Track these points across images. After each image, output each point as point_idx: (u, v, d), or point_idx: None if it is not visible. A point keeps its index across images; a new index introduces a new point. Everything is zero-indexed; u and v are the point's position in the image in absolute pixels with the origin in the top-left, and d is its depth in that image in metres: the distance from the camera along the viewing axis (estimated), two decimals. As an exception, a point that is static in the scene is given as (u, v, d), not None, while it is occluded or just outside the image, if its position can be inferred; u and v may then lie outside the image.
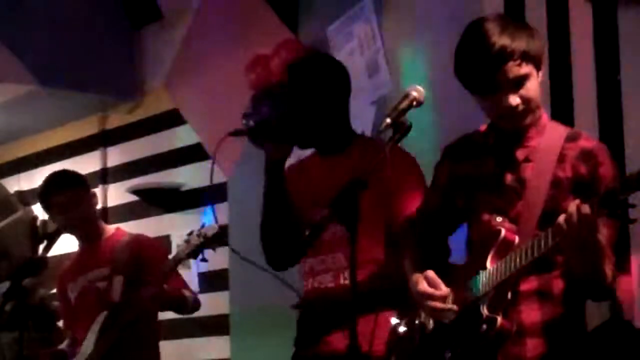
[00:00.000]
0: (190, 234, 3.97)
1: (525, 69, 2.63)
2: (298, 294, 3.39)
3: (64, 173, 4.47)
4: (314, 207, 3.18)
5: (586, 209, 2.38)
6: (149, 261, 4.25)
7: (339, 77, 3.30)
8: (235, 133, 3.21)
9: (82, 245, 4.43)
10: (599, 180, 2.60)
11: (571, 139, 2.69)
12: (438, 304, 2.70)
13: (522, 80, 2.63)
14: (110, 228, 4.46)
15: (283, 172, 3.21)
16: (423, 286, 2.72)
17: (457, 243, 2.92)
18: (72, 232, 4.37)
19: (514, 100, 2.63)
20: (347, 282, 3.10)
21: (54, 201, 4.29)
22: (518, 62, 2.61)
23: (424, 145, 3.70)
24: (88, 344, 4.18)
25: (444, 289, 2.70)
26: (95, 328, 4.16)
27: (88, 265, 4.32)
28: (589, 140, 2.71)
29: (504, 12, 3.97)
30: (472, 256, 2.76)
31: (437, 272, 2.75)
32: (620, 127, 3.67)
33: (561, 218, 2.43)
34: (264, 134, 3.17)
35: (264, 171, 3.23)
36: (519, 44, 2.62)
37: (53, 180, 4.38)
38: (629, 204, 2.40)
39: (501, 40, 2.60)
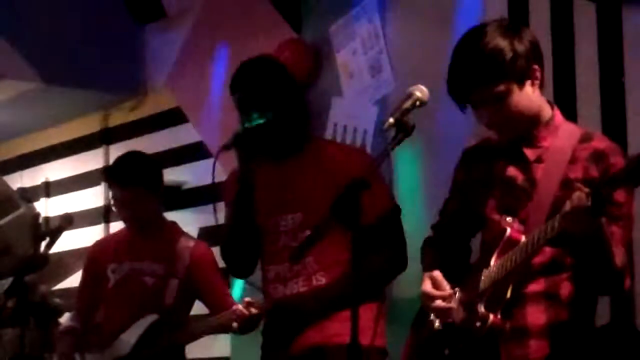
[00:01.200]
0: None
1: (500, 87, 2.62)
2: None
3: (137, 160, 4.16)
4: (278, 213, 3.22)
5: (582, 197, 2.38)
6: (204, 274, 4.10)
7: (282, 79, 3.27)
8: (225, 147, 3.20)
9: (134, 230, 4.19)
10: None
11: (584, 140, 2.68)
12: (438, 304, 2.70)
13: (498, 98, 2.63)
14: (168, 221, 4.27)
15: (253, 181, 3.20)
16: (426, 286, 2.75)
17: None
18: (130, 223, 4.18)
19: (483, 119, 2.66)
20: (320, 282, 3.17)
21: (120, 194, 4.09)
22: (490, 85, 2.61)
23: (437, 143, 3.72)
24: (125, 343, 4.06)
25: (446, 289, 2.71)
26: (138, 329, 4.04)
27: (139, 254, 4.14)
28: (602, 141, 2.69)
29: (508, 12, 3.97)
30: (481, 256, 2.77)
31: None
32: (624, 127, 3.67)
33: (568, 204, 2.41)
34: (241, 145, 3.17)
35: (237, 181, 3.22)
36: (492, 64, 2.60)
37: (124, 169, 4.10)
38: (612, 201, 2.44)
39: (472, 64, 2.61)
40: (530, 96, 2.68)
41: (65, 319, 4.63)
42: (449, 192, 2.94)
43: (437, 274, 2.75)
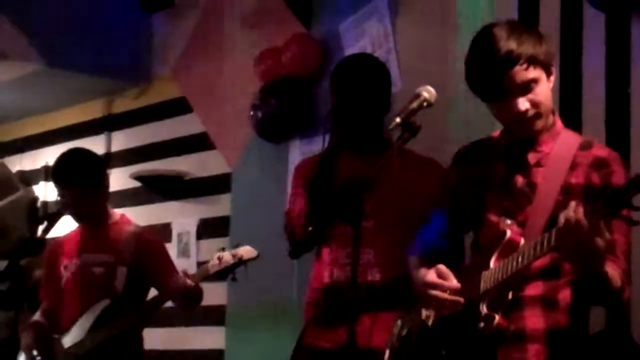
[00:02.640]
0: (223, 249, 3.93)
1: (533, 73, 2.63)
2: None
3: (79, 158, 4.27)
4: None
5: (580, 211, 2.37)
6: (152, 259, 4.22)
7: (385, 78, 3.46)
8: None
9: (83, 225, 4.34)
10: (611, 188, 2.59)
11: (585, 147, 2.69)
12: (443, 294, 2.68)
13: (530, 84, 2.63)
14: (116, 213, 4.39)
15: (336, 163, 3.27)
16: (432, 277, 2.71)
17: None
18: (76, 218, 4.30)
19: (523, 104, 2.63)
20: (374, 279, 3.21)
21: (64, 193, 4.21)
22: (525, 66, 2.61)
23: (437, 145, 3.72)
24: (81, 329, 4.15)
25: (454, 282, 2.69)
26: (91, 315, 4.13)
27: (88, 248, 4.27)
28: (602, 149, 2.71)
29: (518, 18, 3.97)
30: (477, 257, 2.76)
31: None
32: (627, 139, 3.67)
33: (561, 218, 2.42)
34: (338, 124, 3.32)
35: (320, 160, 3.27)
36: (526, 48, 2.61)
37: (67, 168, 4.22)
38: (633, 206, 2.40)
39: (507, 45, 2.60)
40: (549, 91, 2.69)
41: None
42: (441, 191, 2.93)
43: (443, 267, 2.72)
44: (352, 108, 3.32)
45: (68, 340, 4.19)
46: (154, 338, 4.65)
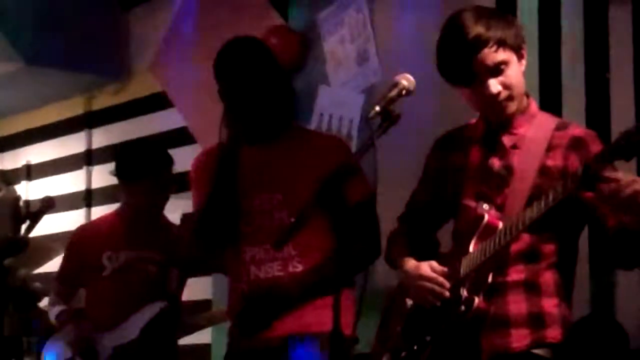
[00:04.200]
0: None
1: (503, 55, 2.63)
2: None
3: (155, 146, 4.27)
4: (256, 193, 3.17)
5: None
6: (202, 262, 4.24)
7: (266, 58, 3.22)
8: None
9: (130, 218, 4.21)
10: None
11: (561, 128, 2.69)
12: (435, 287, 2.69)
13: (500, 66, 2.63)
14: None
15: (238, 161, 3.17)
16: (427, 270, 2.72)
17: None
18: (143, 208, 4.19)
19: (495, 87, 2.64)
20: (296, 269, 3.13)
21: (154, 177, 4.15)
22: (494, 48, 2.62)
23: (414, 134, 3.71)
24: (132, 328, 4.07)
25: (444, 279, 2.70)
26: (146, 315, 4.06)
27: (139, 243, 4.16)
28: (578, 129, 2.71)
29: (496, 5, 3.98)
30: (455, 244, 2.77)
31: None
32: (608, 120, 3.68)
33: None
34: (231, 125, 3.15)
35: (219, 160, 3.17)
36: (494, 31, 2.63)
37: (157, 153, 4.18)
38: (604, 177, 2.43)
39: (476, 29, 2.62)
40: (521, 74, 2.70)
41: (45, 303, 4.59)
42: (418, 183, 2.93)
43: (434, 263, 2.73)
44: (238, 98, 3.14)
45: (116, 339, 4.10)
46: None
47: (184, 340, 4.31)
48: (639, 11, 3.70)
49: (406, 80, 2.67)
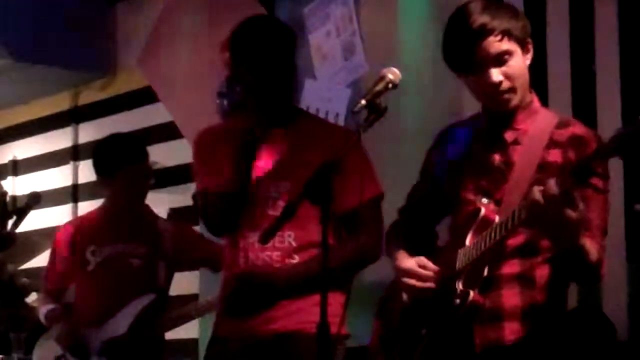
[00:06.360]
0: None
1: (507, 45, 2.63)
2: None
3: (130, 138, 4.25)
4: (264, 180, 3.13)
5: (552, 184, 2.38)
6: (191, 246, 4.20)
7: (285, 40, 3.15)
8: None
9: (112, 212, 4.18)
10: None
11: (562, 125, 2.69)
12: (415, 282, 2.69)
13: (504, 56, 2.63)
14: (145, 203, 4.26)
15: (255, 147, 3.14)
16: (410, 264, 2.73)
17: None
18: (122, 202, 4.15)
19: (497, 76, 2.63)
20: (293, 261, 3.09)
21: (129, 169, 4.08)
22: (499, 37, 2.62)
23: (405, 128, 3.72)
24: (121, 322, 4.06)
25: (431, 272, 2.70)
26: (134, 309, 4.05)
27: (122, 236, 4.14)
28: (580, 127, 2.70)
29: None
30: (452, 237, 2.76)
31: (425, 256, 2.75)
32: (594, 112, 3.69)
33: (534, 192, 2.42)
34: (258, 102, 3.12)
35: (238, 146, 3.13)
36: (500, 21, 2.63)
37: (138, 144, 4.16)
38: (600, 174, 2.45)
39: (482, 18, 2.62)
40: (525, 67, 2.69)
41: (33, 299, 4.58)
42: (419, 175, 2.92)
43: (423, 258, 2.73)
44: (261, 75, 3.05)
45: (105, 333, 4.09)
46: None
47: (172, 335, 4.31)
48: (624, 2, 3.71)
49: (392, 74, 2.66)
